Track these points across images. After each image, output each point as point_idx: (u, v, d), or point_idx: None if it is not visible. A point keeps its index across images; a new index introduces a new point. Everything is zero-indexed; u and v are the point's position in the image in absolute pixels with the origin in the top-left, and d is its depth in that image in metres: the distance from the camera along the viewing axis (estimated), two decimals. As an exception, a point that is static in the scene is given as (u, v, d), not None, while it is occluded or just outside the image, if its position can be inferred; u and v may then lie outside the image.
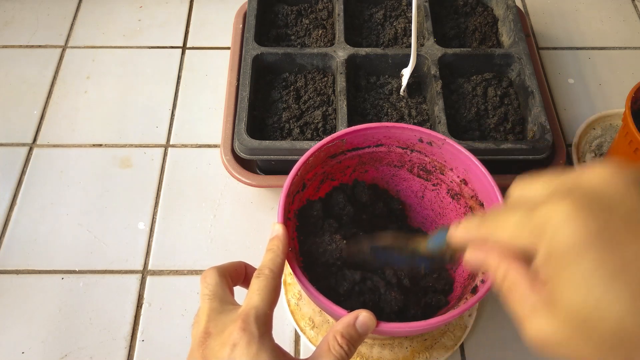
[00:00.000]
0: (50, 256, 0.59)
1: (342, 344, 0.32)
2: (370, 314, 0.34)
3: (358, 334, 0.33)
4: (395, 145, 0.48)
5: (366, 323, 0.34)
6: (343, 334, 0.32)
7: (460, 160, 0.45)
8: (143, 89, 0.72)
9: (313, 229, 0.46)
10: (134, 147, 0.67)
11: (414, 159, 0.49)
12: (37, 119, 0.69)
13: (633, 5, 0.83)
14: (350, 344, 0.32)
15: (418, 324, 0.36)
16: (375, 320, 0.34)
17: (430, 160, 0.48)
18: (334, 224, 0.46)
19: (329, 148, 0.46)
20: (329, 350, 0.32)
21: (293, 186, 0.43)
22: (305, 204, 0.47)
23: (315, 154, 0.44)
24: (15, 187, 0.64)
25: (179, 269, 0.58)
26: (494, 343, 0.54)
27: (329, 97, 0.63)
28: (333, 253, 0.44)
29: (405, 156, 0.49)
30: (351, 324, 0.33)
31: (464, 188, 0.46)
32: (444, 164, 0.47)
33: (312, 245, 0.45)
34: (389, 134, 0.47)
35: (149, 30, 0.78)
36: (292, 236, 0.44)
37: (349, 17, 0.70)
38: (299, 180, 0.44)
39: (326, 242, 0.44)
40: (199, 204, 0.63)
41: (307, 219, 0.46)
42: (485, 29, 0.70)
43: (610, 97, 0.72)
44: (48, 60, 0.75)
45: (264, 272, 0.34)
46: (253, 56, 0.63)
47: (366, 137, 0.47)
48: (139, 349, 0.54)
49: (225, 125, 0.61)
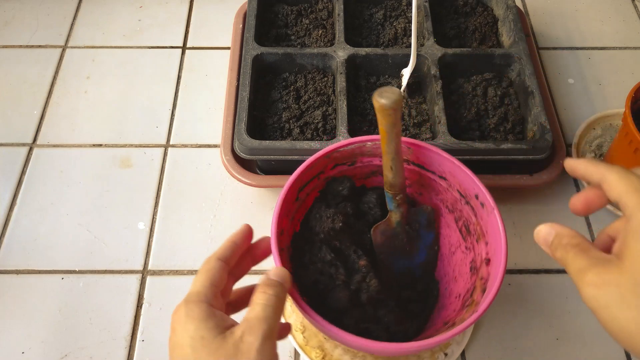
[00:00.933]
0: (50, 256, 0.59)
1: (263, 290, 0.34)
2: (279, 267, 0.36)
3: (273, 280, 0.35)
4: (457, 187, 0.45)
5: (278, 272, 0.36)
6: (261, 285, 0.34)
7: (496, 237, 0.41)
8: (143, 89, 0.72)
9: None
10: (134, 147, 0.67)
11: (464, 212, 0.46)
12: (37, 119, 0.69)
13: (633, 5, 0.83)
14: (271, 288, 0.34)
15: (406, 345, 0.36)
16: (286, 270, 0.36)
17: (475, 221, 0.45)
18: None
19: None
20: (253, 303, 0.33)
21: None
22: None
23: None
24: (15, 187, 0.64)
25: (179, 269, 0.58)
26: (495, 344, 0.54)
27: (329, 97, 0.63)
28: (324, 225, 0.46)
29: (459, 204, 0.46)
30: (266, 277, 0.35)
31: (484, 267, 0.43)
32: (484, 233, 0.44)
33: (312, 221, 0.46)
34: (454, 171, 0.44)
35: (149, 30, 0.78)
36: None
37: (349, 17, 0.70)
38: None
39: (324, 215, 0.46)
40: (199, 204, 0.63)
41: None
42: (485, 29, 0.70)
43: (610, 97, 0.72)
44: (48, 60, 0.75)
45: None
46: (253, 56, 0.63)
47: (433, 161, 0.45)
48: (139, 349, 0.54)
49: (225, 125, 0.61)
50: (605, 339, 0.54)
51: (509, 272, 0.58)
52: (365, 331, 0.43)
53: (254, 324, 0.31)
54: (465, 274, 0.45)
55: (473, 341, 0.54)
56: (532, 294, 0.57)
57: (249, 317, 0.32)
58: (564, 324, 0.55)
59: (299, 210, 0.47)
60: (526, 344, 0.54)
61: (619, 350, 0.54)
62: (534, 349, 0.54)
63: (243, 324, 0.32)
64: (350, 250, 0.46)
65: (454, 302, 0.45)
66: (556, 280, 0.58)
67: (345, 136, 0.56)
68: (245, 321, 0.32)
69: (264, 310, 0.32)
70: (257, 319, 0.32)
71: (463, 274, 0.46)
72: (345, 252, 0.46)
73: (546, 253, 0.31)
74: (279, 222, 0.42)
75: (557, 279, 0.58)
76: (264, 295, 0.33)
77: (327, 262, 0.45)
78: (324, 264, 0.45)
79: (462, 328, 0.37)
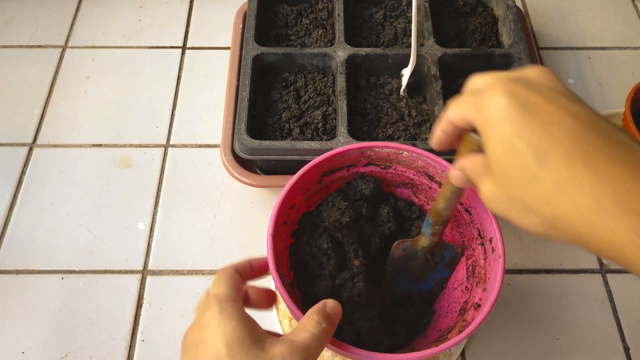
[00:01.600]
0: (50, 256, 0.59)
1: (319, 321, 0.33)
2: (335, 302, 0.36)
3: (329, 315, 0.34)
4: (478, 225, 0.44)
5: (334, 307, 0.35)
6: (318, 314, 0.34)
7: (493, 285, 0.40)
8: (143, 89, 0.72)
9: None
10: (134, 147, 0.67)
11: (476, 252, 0.44)
12: (37, 119, 0.69)
13: (633, 5, 0.83)
14: (325, 322, 0.33)
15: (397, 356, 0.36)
16: (340, 309, 0.36)
17: (483, 264, 0.43)
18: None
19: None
20: (304, 328, 0.32)
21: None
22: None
23: None
24: (15, 187, 0.64)
25: (179, 269, 0.58)
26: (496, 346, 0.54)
27: (329, 97, 0.63)
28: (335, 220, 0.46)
29: (474, 243, 0.45)
30: (323, 308, 0.35)
31: (471, 311, 0.42)
32: (485, 278, 0.43)
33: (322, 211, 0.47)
34: (479, 207, 0.43)
35: (149, 30, 0.78)
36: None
37: (349, 17, 0.70)
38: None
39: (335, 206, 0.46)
40: (199, 204, 0.63)
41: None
42: (485, 29, 0.70)
43: (610, 97, 0.72)
44: (48, 60, 0.75)
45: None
46: (253, 56, 0.63)
47: (465, 192, 0.44)
48: (139, 349, 0.54)
49: (225, 125, 0.61)
50: (605, 338, 0.54)
51: (509, 271, 0.58)
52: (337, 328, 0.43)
53: (298, 349, 0.30)
54: (455, 312, 0.44)
55: (473, 341, 0.54)
56: (532, 294, 0.57)
57: (295, 339, 0.31)
58: (564, 323, 0.55)
59: (319, 193, 0.48)
60: (526, 344, 0.54)
61: (619, 350, 0.54)
62: (534, 348, 0.54)
63: (287, 344, 0.31)
64: (350, 248, 0.46)
65: (434, 335, 0.45)
66: (556, 280, 0.58)
67: (345, 136, 0.56)
68: (290, 342, 0.31)
69: (312, 341, 0.32)
70: (303, 346, 0.31)
71: (453, 312, 0.45)
72: (344, 248, 0.46)
73: (546, 253, 0.31)
74: (290, 195, 0.43)
75: (557, 279, 0.58)
76: (318, 326, 0.32)
77: (322, 249, 0.46)
78: (318, 251, 0.46)
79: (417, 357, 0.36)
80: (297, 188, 0.44)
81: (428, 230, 0.42)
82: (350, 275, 0.45)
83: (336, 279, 0.45)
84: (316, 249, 0.46)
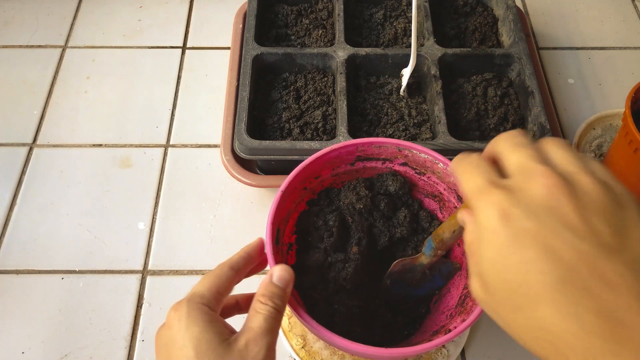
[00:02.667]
0: (50, 256, 0.59)
1: (265, 302, 0.33)
2: (283, 267, 0.35)
3: (279, 288, 0.34)
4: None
5: (282, 276, 0.35)
6: (264, 294, 0.34)
7: (468, 321, 0.40)
8: (143, 89, 0.72)
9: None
10: (134, 147, 0.67)
11: None
12: (37, 119, 0.69)
13: (633, 5, 0.83)
14: (273, 300, 0.33)
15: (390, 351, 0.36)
16: (291, 271, 0.35)
17: (473, 299, 0.42)
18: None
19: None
20: (256, 313, 0.33)
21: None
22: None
23: None
24: (15, 187, 0.64)
25: (179, 269, 0.58)
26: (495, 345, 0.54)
27: (329, 97, 0.63)
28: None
29: None
30: (269, 282, 0.35)
31: (442, 335, 0.41)
32: (469, 312, 0.41)
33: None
34: None
35: (149, 30, 0.78)
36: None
37: (349, 17, 0.70)
38: None
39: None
40: (199, 204, 0.63)
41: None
42: (485, 29, 0.70)
43: (610, 97, 0.72)
44: (48, 60, 0.75)
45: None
46: (253, 56, 0.63)
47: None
48: (139, 349, 0.54)
49: (225, 125, 0.61)
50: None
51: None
52: (302, 292, 0.44)
53: (258, 335, 0.31)
54: (428, 333, 0.44)
55: (473, 341, 0.54)
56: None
57: (252, 326, 0.32)
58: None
59: (349, 174, 0.48)
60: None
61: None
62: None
63: (247, 333, 0.31)
64: (356, 234, 0.46)
65: (407, 351, 0.44)
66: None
67: (345, 136, 0.56)
68: (249, 330, 0.32)
69: (266, 321, 0.32)
70: (261, 330, 0.32)
71: (429, 332, 0.45)
72: (350, 233, 0.46)
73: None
74: (317, 163, 0.44)
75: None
76: (265, 306, 0.33)
77: (327, 225, 0.46)
78: (324, 224, 0.46)
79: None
80: (327, 161, 0.45)
81: (429, 252, 0.42)
82: (344, 258, 0.45)
83: (330, 256, 0.45)
84: (322, 223, 0.46)
